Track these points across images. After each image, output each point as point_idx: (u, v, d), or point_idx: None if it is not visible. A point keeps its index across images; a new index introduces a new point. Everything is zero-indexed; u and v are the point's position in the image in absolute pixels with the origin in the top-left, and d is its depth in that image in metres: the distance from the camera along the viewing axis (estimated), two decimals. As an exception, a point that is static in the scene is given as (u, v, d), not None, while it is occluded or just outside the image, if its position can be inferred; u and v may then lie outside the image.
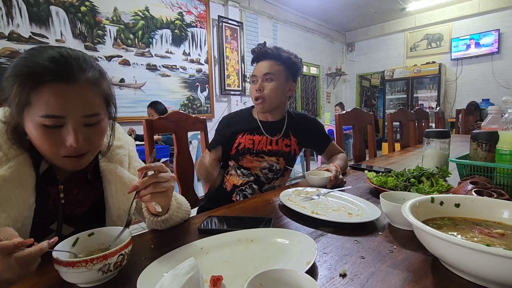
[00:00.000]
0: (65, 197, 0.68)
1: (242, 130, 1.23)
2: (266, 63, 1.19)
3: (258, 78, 1.20)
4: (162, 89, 4.09)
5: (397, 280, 0.47)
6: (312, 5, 5.66)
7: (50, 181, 0.66)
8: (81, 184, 0.71)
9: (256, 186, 1.22)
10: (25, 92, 0.54)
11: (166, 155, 2.83)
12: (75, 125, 0.58)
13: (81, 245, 0.54)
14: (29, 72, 0.54)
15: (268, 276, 0.41)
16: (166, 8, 4.07)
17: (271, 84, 1.18)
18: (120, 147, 0.78)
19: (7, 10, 2.80)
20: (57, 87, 0.55)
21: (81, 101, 0.58)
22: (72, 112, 0.57)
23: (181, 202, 0.76)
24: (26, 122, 0.58)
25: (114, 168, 0.74)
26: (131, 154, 0.82)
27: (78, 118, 0.58)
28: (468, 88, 5.89)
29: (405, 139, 2.32)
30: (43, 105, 0.55)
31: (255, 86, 1.20)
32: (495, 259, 0.39)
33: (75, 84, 0.57)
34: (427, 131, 1.19)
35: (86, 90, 0.59)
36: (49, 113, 0.55)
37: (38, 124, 0.56)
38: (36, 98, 0.55)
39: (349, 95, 7.93)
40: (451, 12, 5.90)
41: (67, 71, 0.56)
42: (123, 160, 0.77)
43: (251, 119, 1.27)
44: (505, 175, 0.84)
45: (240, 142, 1.21)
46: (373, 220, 0.70)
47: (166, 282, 0.39)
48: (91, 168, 0.72)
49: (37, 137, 0.57)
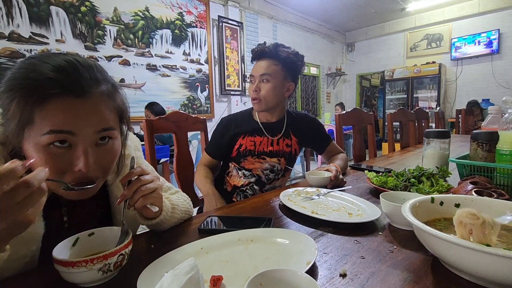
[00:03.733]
0: (68, 220, 0.63)
1: (243, 131, 1.23)
2: (263, 62, 1.18)
3: (255, 78, 1.20)
4: (162, 89, 4.09)
5: (397, 280, 0.47)
6: (312, 5, 5.66)
7: (51, 205, 0.57)
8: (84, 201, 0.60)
9: (257, 187, 1.22)
10: (28, 109, 0.46)
11: (166, 155, 2.83)
12: (85, 145, 0.50)
13: (81, 245, 0.54)
14: (32, 85, 0.46)
15: (268, 276, 0.41)
16: (166, 8, 4.07)
17: (267, 85, 1.17)
18: (128, 156, 0.68)
19: (7, 10, 2.80)
20: (66, 101, 0.47)
21: (93, 117, 0.50)
22: (83, 129, 0.49)
23: (177, 203, 0.73)
24: (26, 144, 0.49)
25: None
26: (139, 162, 0.75)
27: (89, 135, 0.50)
28: (468, 88, 5.89)
29: (405, 139, 2.32)
30: (49, 121, 0.46)
31: (252, 86, 1.20)
32: (495, 259, 0.39)
33: (87, 98, 0.49)
34: (427, 131, 1.19)
35: (99, 105, 0.51)
36: (55, 128, 0.47)
37: (41, 145, 0.48)
38: (40, 116, 0.46)
39: (349, 95, 7.93)
40: (451, 12, 5.90)
41: (78, 83, 0.48)
42: None
43: (251, 120, 1.26)
44: (505, 175, 0.84)
45: (241, 144, 1.21)
46: (373, 220, 0.70)
47: (166, 282, 0.39)
48: None
49: (38, 161, 0.48)
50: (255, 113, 1.28)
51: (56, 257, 0.46)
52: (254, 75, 1.20)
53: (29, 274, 0.52)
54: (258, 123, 1.24)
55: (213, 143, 1.26)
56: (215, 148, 1.26)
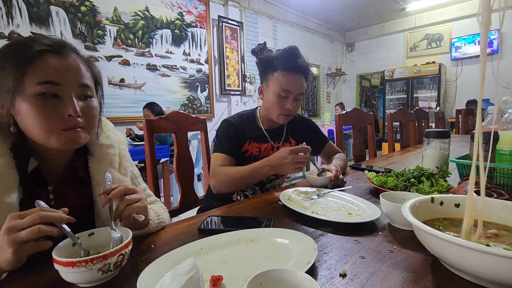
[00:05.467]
0: (55, 198, 0.65)
1: (249, 137, 1.20)
2: (300, 79, 1.13)
3: (292, 94, 1.13)
4: (162, 89, 4.09)
5: (397, 280, 0.47)
6: (312, 5, 5.67)
7: (38, 182, 0.63)
8: (74, 184, 0.69)
9: (257, 187, 1.22)
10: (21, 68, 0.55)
11: (166, 155, 2.83)
12: (71, 94, 0.59)
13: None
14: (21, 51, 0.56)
15: (268, 276, 0.41)
16: (166, 8, 4.07)
17: (299, 102, 1.16)
18: (110, 146, 0.74)
19: (7, 10, 2.80)
20: (53, 57, 0.58)
21: (75, 71, 0.61)
22: (69, 80, 0.59)
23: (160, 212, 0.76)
24: (19, 105, 0.57)
25: (103, 169, 0.71)
26: (122, 154, 0.78)
27: (74, 86, 0.60)
28: (468, 88, 5.90)
29: (405, 139, 2.32)
30: (37, 75, 0.56)
31: (287, 102, 1.13)
32: (495, 259, 0.39)
33: (69, 56, 0.60)
34: (427, 131, 1.19)
35: (79, 63, 0.62)
36: (46, 79, 0.56)
37: (33, 96, 0.56)
38: (31, 72, 0.56)
39: (349, 95, 7.93)
40: (451, 12, 5.90)
41: (60, 45, 0.60)
42: (113, 160, 0.74)
43: (255, 126, 1.24)
44: (505, 175, 0.84)
45: (247, 149, 1.20)
46: (373, 220, 0.70)
47: (166, 282, 0.39)
48: (82, 166, 0.70)
49: (32, 113, 0.56)
50: (258, 119, 1.25)
51: (56, 257, 0.46)
52: (291, 91, 1.12)
53: (29, 274, 0.52)
54: (262, 130, 1.23)
55: (227, 144, 1.17)
56: (233, 148, 1.17)
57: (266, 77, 1.17)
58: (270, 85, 1.15)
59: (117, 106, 3.64)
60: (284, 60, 1.11)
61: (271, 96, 1.15)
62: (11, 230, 0.46)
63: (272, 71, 1.14)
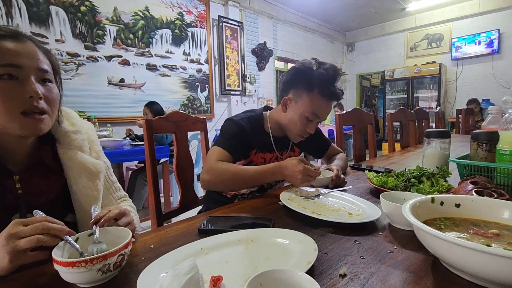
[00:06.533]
0: (22, 187, 0.64)
1: (255, 146, 1.16)
2: (331, 105, 1.12)
3: (319, 118, 1.11)
4: (162, 89, 4.09)
5: (397, 280, 0.47)
6: (312, 5, 5.67)
7: (2, 173, 0.63)
8: (41, 173, 0.68)
9: (258, 193, 1.21)
10: None
11: (166, 155, 2.83)
12: (31, 77, 0.59)
13: (81, 245, 0.53)
14: None
15: (268, 276, 0.41)
16: (166, 8, 4.07)
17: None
18: (76, 132, 0.75)
19: (7, 10, 2.80)
20: (11, 43, 0.59)
21: (33, 56, 0.61)
22: (27, 64, 0.59)
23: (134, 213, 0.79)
24: None
25: (73, 154, 0.72)
26: (92, 139, 0.79)
27: (33, 70, 0.60)
28: (468, 88, 5.90)
29: (405, 139, 2.32)
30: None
31: (311, 125, 1.11)
32: (495, 259, 0.39)
33: (26, 41, 0.61)
34: (427, 131, 1.18)
35: (36, 49, 0.63)
36: (5, 62, 0.57)
37: None
38: None
39: (349, 95, 7.93)
40: (451, 12, 5.90)
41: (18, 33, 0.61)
42: (82, 145, 0.75)
43: (263, 133, 1.19)
44: (505, 175, 0.84)
45: (252, 160, 1.17)
46: (373, 220, 0.70)
47: (166, 282, 0.39)
48: (49, 155, 0.71)
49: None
50: (267, 124, 1.20)
51: (56, 257, 0.46)
52: (321, 116, 1.10)
53: (29, 274, 0.52)
54: (270, 138, 1.19)
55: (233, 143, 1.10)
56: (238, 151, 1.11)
57: (298, 92, 1.09)
58: (300, 103, 1.09)
59: (117, 106, 3.64)
60: (325, 83, 1.05)
61: (297, 116, 1.09)
62: (13, 236, 0.47)
63: (308, 90, 1.07)
